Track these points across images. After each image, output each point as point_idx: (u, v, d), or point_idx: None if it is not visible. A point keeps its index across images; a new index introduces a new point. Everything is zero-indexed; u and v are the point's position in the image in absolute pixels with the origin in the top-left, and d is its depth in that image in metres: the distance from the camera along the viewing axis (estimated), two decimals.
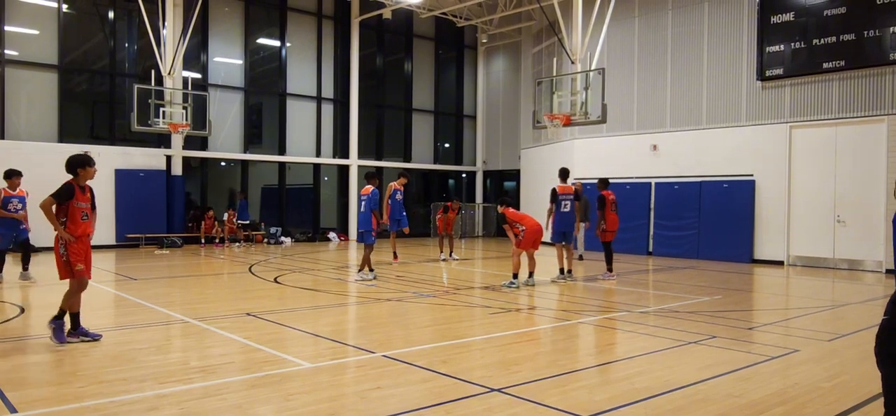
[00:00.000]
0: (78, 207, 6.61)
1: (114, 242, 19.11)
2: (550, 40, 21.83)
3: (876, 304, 10.74)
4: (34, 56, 18.58)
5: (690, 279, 13.17)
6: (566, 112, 15.54)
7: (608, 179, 13.76)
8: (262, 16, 22.79)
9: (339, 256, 18.19)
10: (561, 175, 12.66)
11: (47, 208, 6.41)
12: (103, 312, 9.26)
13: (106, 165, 19.03)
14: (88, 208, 6.76)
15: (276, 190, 23.28)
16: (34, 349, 6.57)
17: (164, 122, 18.50)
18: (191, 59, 20.75)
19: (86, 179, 6.73)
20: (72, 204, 6.56)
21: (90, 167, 6.73)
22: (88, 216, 6.75)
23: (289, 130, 22.95)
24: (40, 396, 4.97)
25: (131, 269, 14.05)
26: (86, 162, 6.72)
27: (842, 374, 5.84)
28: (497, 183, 28.18)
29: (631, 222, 18.82)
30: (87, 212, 6.73)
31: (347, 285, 12.12)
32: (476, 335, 7.62)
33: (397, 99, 26.10)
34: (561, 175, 12.66)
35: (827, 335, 7.53)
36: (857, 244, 15.33)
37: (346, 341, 7.25)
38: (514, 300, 9.95)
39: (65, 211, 6.56)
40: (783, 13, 16.48)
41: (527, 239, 11.12)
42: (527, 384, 5.30)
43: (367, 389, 5.27)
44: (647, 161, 19.23)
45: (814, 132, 16.13)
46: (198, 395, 5.02)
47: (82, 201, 6.66)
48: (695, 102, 18.36)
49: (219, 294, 10.88)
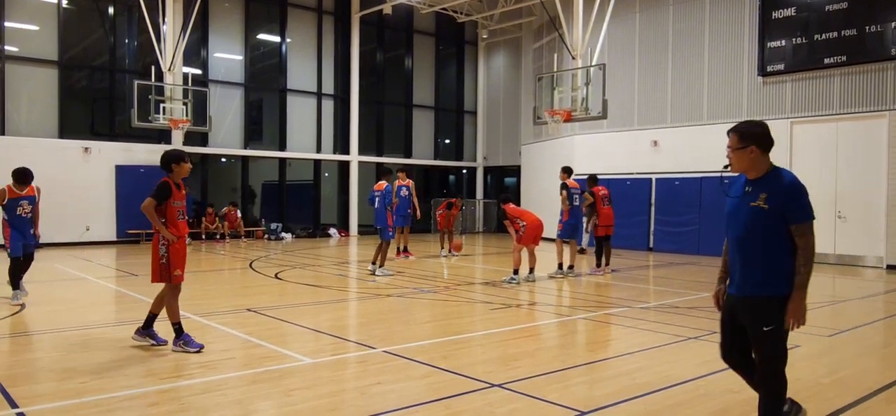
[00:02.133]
0: (175, 206, 6.24)
1: (115, 237, 19.12)
2: (551, 36, 21.80)
3: (876, 300, 10.73)
4: (34, 52, 18.56)
5: (691, 275, 13.17)
6: (567, 108, 15.54)
7: (597, 175, 13.80)
8: (262, 11, 22.76)
9: (339, 252, 18.20)
10: (567, 172, 12.63)
11: (149, 209, 6.09)
12: (104, 307, 9.28)
13: (106, 161, 19.06)
14: (184, 206, 6.39)
15: (276, 186, 23.28)
16: (35, 344, 6.58)
17: (165, 118, 18.49)
18: (191, 55, 20.73)
19: (181, 176, 6.32)
20: (169, 203, 6.20)
21: (185, 163, 6.34)
22: (184, 215, 6.39)
23: (289, 126, 22.94)
24: (42, 391, 4.98)
25: (132, 265, 14.06)
26: (180, 157, 6.33)
27: (841, 369, 5.84)
28: (498, 179, 28.16)
29: (632, 218, 18.82)
30: (183, 211, 6.36)
31: (348, 280, 12.13)
32: (476, 331, 7.63)
33: (398, 95, 26.08)
34: (567, 172, 12.63)
35: (827, 331, 7.53)
36: (858, 240, 15.31)
37: (347, 336, 7.26)
38: (515, 296, 9.95)
39: (163, 211, 6.20)
40: (784, 8, 16.44)
41: (527, 235, 11.12)
42: (527, 380, 5.31)
43: (368, 384, 5.27)
44: (647, 157, 19.21)
45: (815, 128, 16.11)
46: (198, 390, 5.03)
47: (179, 200, 6.30)
48: (696, 97, 18.33)
49: (219, 290, 10.89)
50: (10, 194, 8.91)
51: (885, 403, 4.94)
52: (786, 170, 3.70)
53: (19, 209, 8.91)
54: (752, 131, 3.64)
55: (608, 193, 13.34)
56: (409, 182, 14.80)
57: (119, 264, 14.23)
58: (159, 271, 6.24)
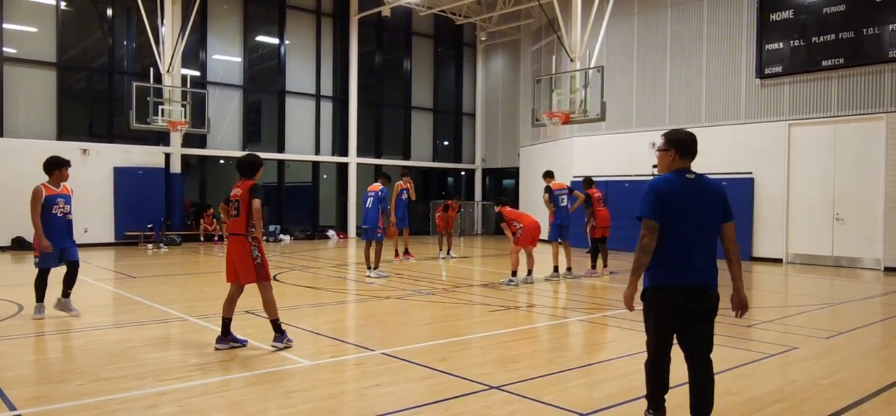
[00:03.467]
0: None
1: (113, 239, 19.10)
2: (549, 38, 21.82)
3: (874, 302, 10.75)
4: (33, 54, 18.55)
5: None
6: (565, 110, 15.54)
7: (591, 177, 13.82)
8: (261, 13, 22.76)
9: (338, 254, 18.19)
10: (548, 175, 12.91)
11: (260, 212, 6.26)
12: (102, 309, 9.27)
13: (105, 162, 19.04)
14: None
15: (274, 188, 23.28)
16: (33, 346, 6.57)
17: (163, 119, 18.48)
18: (189, 57, 20.72)
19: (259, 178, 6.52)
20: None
21: (262, 166, 6.60)
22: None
23: (288, 127, 22.94)
24: (40, 393, 4.97)
25: (130, 267, 14.05)
26: (261, 162, 6.59)
27: (840, 371, 5.85)
28: (496, 181, 28.17)
29: (631, 220, 18.76)
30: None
31: (346, 283, 12.13)
32: (475, 333, 7.63)
33: (396, 97, 26.09)
34: (548, 175, 12.91)
35: (825, 333, 7.54)
36: (856, 242, 15.34)
37: (346, 338, 7.26)
38: (513, 298, 9.95)
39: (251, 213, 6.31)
40: (782, 11, 16.47)
41: (524, 237, 11.16)
42: (526, 382, 5.31)
43: (367, 386, 5.27)
44: (646, 159, 19.20)
45: (813, 130, 16.14)
46: (197, 392, 5.02)
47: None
48: (694, 99, 18.36)
49: (218, 292, 10.86)
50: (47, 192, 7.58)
51: (883, 405, 4.95)
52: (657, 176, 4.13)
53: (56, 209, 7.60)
54: (673, 138, 4.08)
55: (603, 195, 13.35)
56: (409, 185, 14.79)
57: (117, 267, 14.21)
58: (255, 271, 6.29)
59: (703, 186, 3.97)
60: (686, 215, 3.90)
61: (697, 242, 3.91)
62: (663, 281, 3.93)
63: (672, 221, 3.88)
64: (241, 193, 6.40)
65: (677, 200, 3.90)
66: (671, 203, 3.88)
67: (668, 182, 3.96)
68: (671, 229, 3.88)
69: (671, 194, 3.90)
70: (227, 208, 6.55)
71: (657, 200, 3.89)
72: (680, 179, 3.96)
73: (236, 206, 6.41)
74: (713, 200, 3.97)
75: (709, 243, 3.96)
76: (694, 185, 3.95)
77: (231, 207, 6.47)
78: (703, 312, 3.93)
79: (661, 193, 3.91)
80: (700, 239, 3.92)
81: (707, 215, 3.95)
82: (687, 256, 3.89)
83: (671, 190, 3.92)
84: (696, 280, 3.90)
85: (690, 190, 3.93)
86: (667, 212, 3.88)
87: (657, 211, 3.88)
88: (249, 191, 6.30)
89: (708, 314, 3.95)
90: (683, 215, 3.89)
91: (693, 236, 3.90)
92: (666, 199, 3.89)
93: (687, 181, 3.95)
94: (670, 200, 3.89)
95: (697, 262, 3.90)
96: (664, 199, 3.89)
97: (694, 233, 3.90)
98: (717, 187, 4.01)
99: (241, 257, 6.33)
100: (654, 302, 4.00)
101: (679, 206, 3.89)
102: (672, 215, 3.88)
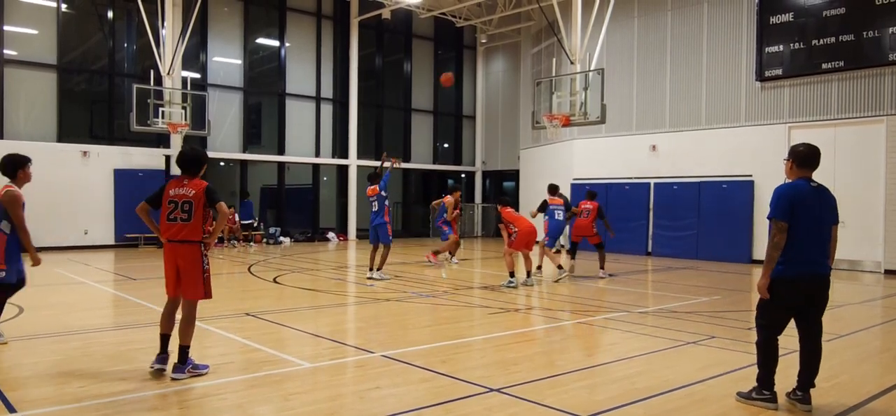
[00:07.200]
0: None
1: (113, 241, 19.10)
2: (550, 41, 21.83)
3: (874, 305, 10.75)
4: (33, 56, 18.56)
5: (689, 280, 13.18)
6: (565, 112, 15.54)
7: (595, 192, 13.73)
8: (261, 16, 22.78)
9: (338, 256, 18.19)
10: (550, 189, 13.21)
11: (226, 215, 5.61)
12: (102, 312, 9.27)
13: (105, 164, 19.04)
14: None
15: (275, 190, 23.28)
16: (33, 348, 6.56)
17: (163, 121, 18.49)
18: (190, 59, 20.73)
19: None
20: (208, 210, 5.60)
21: (207, 163, 5.85)
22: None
23: (288, 130, 22.94)
24: (40, 396, 4.97)
25: (130, 269, 14.05)
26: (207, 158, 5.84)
27: (840, 374, 5.85)
28: (496, 183, 28.17)
29: (630, 222, 18.84)
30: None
31: (347, 285, 12.13)
32: (475, 335, 7.63)
33: (396, 99, 26.10)
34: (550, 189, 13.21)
35: (825, 336, 7.51)
36: (856, 245, 15.32)
37: (346, 341, 7.26)
38: (513, 300, 9.95)
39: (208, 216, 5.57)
40: (782, 14, 16.49)
41: (519, 240, 11.29)
42: (526, 384, 5.31)
43: (367, 389, 5.27)
44: (646, 161, 19.23)
45: (813, 133, 16.12)
46: (198, 395, 5.02)
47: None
48: (694, 102, 18.37)
49: (218, 294, 10.84)
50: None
51: (883, 407, 4.95)
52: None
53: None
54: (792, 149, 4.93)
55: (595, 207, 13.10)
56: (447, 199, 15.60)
57: (117, 268, 14.21)
58: (205, 286, 5.52)
59: (823, 193, 4.75)
60: (811, 217, 4.65)
61: (818, 239, 4.70)
62: (792, 273, 4.66)
63: (799, 221, 4.62)
64: (193, 193, 5.44)
65: (803, 204, 4.64)
66: (798, 207, 4.62)
67: (796, 188, 4.71)
68: (798, 228, 4.62)
69: (798, 199, 4.64)
70: (149, 207, 5.64)
71: (788, 204, 4.63)
72: (806, 187, 4.72)
73: (186, 208, 5.44)
74: (830, 204, 4.79)
75: (826, 239, 4.76)
76: (816, 191, 4.72)
77: (177, 209, 5.46)
78: (820, 296, 4.79)
79: (790, 198, 4.65)
80: (820, 237, 4.72)
81: (825, 217, 4.74)
82: (809, 249, 4.66)
83: (798, 195, 4.66)
84: (819, 270, 4.72)
85: (813, 195, 4.69)
86: (795, 214, 4.62)
87: (787, 213, 4.62)
88: (206, 192, 5.45)
89: (823, 302, 4.82)
90: (808, 216, 4.64)
91: (816, 234, 4.68)
92: (794, 203, 4.62)
93: (810, 188, 4.71)
94: (797, 204, 4.62)
95: (819, 255, 4.70)
96: (793, 203, 4.62)
97: (816, 231, 4.68)
98: (831, 195, 4.81)
99: (190, 267, 5.44)
100: (786, 289, 4.70)
101: (804, 208, 4.64)
102: (799, 217, 4.62)
